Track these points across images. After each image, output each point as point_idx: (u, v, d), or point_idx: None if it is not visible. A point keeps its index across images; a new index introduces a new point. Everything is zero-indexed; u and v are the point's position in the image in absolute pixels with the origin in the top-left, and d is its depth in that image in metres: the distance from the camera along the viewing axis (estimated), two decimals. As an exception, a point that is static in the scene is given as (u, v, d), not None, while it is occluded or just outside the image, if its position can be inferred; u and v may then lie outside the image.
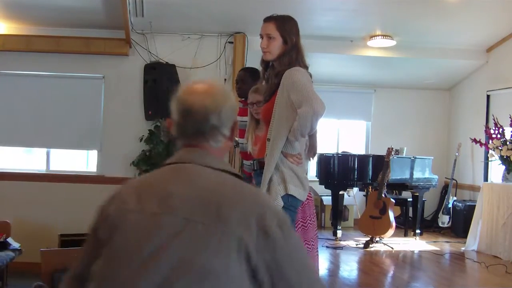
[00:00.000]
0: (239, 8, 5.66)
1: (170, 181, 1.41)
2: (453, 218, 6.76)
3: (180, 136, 1.52)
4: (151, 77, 6.04)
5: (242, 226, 1.29)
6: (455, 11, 5.67)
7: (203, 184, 1.39)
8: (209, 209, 1.32)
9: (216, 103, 1.49)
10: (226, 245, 1.28)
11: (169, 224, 1.32)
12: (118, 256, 1.35)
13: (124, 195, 1.45)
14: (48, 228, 5.71)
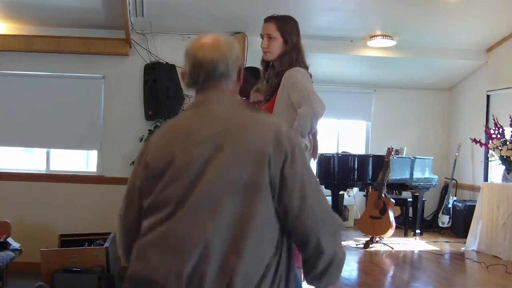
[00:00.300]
0: (239, 8, 5.66)
1: (194, 121, 1.65)
2: (453, 218, 6.76)
3: (193, 85, 1.77)
4: (151, 77, 6.04)
5: (265, 145, 1.53)
6: (455, 11, 5.67)
7: (223, 117, 1.63)
8: (233, 135, 1.56)
9: (222, 54, 1.70)
10: (254, 160, 1.52)
11: (203, 155, 1.55)
12: (165, 188, 1.57)
13: (157, 141, 1.70)
14: (48, 228, 5.71)
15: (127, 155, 6.14)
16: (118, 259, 5.31)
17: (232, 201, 1.50)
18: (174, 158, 1.58)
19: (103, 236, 5.21)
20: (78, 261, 4.66)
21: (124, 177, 6.54)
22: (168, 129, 1.73)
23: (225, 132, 1.58)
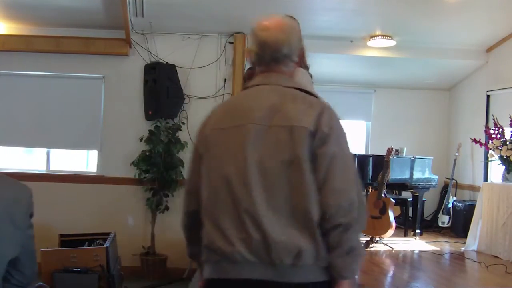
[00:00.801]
0: (239, 8, 5.66)
1: (252, 99, 1.82)
2: (453, 218, 6.76)
3: (258, 64, 1.89)
4: (151, 77, 6.04)
5: (309, 122, 1.70)
6: (455, 11, 5.67)
7: (278, 98, 1.78)
8: (286, 115, 1.73)
9: (286, 36, 1.85)
10: (303, 136, 1.69)
11: (255, 131, 1.73)
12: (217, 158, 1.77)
13: (215, 117, 1.87)
14: (48, 228, 5.71)
15: (127, 155, 6.15)
16: (118, 259, 5.32)
17: (283, 173, 1.67)
18: (229, 135, 1.77)
19: (103, 236, 5.21)
20: (78, 261, 4.67)
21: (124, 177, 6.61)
22: (227, 106, 1.93)
23: (277, 110, 1.74)
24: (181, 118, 6.20)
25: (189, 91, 6.26)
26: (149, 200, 6.05)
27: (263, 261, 1.66)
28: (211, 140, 1.81)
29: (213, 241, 1.72)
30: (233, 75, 6.23)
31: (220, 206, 1.73)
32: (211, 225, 1.75)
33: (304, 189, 1.67)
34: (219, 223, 1.72)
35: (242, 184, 1.69)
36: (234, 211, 1.69)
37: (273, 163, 1.69)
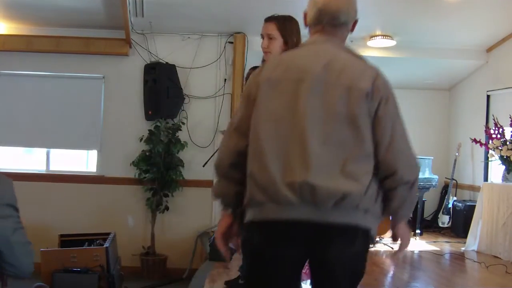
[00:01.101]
0: (239, 8, 5.66)
1: (307, 56, 1.92)
2: (453, 218, 6.75)
3: (314, 25, 2.00)
4: (151, 77, 6.04)
5: (365, 83, 1.82)
6: (455, 11, 5.67)
7: (333, 58, 1.88)
8: (342, 75, 1.83)
9: (346, 6, 1.96)
10: (359, 95, 1.80)
11: (312, 86, 1.82)
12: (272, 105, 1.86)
13: (272, 66, 1.94)
14: (48, 228, 5.71)
15: (127, 155, 6.15)
16: (118, 259, 5.31)
17: (337, 129, 1.79)
18: (286, 86, 1.85)
19: (103, 236, 5.21)
20: (78, 261, 4.66)
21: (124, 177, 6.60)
22: (283, 60, 1.98)
23: (334, 68, 1.85)
24: (181, 118, 6.20)
25: (189, 91, 6.26)
26: (149, 200, 6.05)
27: (306, 203, 1.75)
28: (267, 88, 1.88)
29: (261, 183, 1.79)
30: (233, 75, 6.23)
31: (270, 149, 1.80)
32: (259, 167, 1.81)
33: (356, 143, 1.79)
34: (268, 166, 1.78)
35: (295, 131, 1.79)
36: (284, 155, 1.78)
37: (328, 116, 1.80)
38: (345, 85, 1.81)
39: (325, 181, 1.74)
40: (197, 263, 5.69)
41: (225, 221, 1.98)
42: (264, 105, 1.87)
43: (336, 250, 1.79)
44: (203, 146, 6.18)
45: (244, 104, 1.94)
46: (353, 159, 1.78)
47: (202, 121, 6.28)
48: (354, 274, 1.87)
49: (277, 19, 2.84)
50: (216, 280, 4.15)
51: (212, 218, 6.27)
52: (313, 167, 1.75)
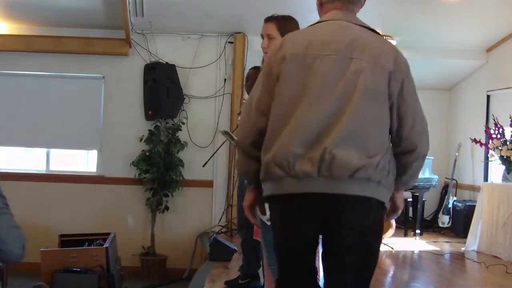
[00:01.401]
0: (239, 8, 5.66)
1: (329, 31, 1.95)
2: (453, 218, 6.75)
3: (333, 2, 2.03)
4: (151, 77, 6.04)
5: (388, 62, 1.90)
6: (455, 11, 5.67)
7: (355, 34, 1.93)
8: (365, 50, 1.89)
9: None
10: (383, 73, 1.88)
11: (337, 61, 1.87)
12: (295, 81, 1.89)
13: (295, 42, 1.96)
14: (48, 228, 5.71)
15: (127, 155, 6.15)
16: (118, 259, 5.31)
17: (360, 104, 1.83)
18: (310, 62, 1.88)
19: (103, 236, 5.21)
20: (78, 261, 4.66)
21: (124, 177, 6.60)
22: (306, 35, 1.99)
23: (357, 44, 1.90)
24: (181, 118, 6.20)
25: (189, 91, 6.26)
26: (149, 200, 6.05)
27: (324, 176, 1.81)
28: (291, 64, 1.90)
29: (280, 158, 1.84)
30: (233, 75, 6.23)
31: (292, 125, 1.84)
32: (280, 143, 1.85)
33: (383, 119, 1.89)
34: (290, 141, 1.83)
35: (318, 107, 1.84)
36: (306, 131, 1.83)
37: (352, 92, 1.84)
38: (369, 61, 1.87)
39: (343, 154, 1.80)
40: (197, 263, 5.68)
41: (250, 195, 2.06)
42: (288, 81, 1.89)
43: (349, 221, 1.83)
44: (203, 146, 6.18)
45: (264, 82, 1.96)
46: (371, 133, 1.86)
47: (202, 121, 6.27)
48: (368, 251, 1.89)
49: (276, 19, 2.84)
50: (216, 280, 4.15)
51: (212, 218, 6.27)
52: (334, 141, 1.81)
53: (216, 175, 6.27)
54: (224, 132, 5.12)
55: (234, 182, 5.94)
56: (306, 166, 1.81)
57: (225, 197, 6.27)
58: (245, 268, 3.95)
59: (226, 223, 6.10)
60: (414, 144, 1.97)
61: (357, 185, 1.83)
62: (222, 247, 4.73)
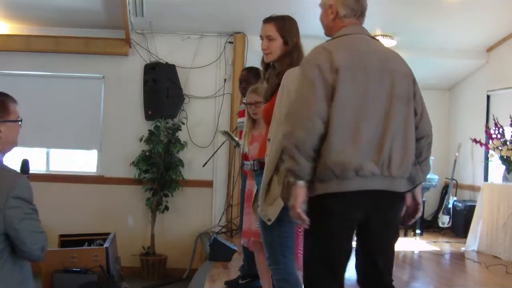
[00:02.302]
0: (239, 8, 5.66)
1: (362, 45, 2.23)
2: (453, 218, 6.75)
3: (349, 16, 2.29)
4: (151, 77, 6.04)
5: (407, 69, 2.28)
6: (455, 11, 5.67)
7: (376, 46, 2.28)
8: (389, 61, 2.22)
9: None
10: (408, 79, 2.26)
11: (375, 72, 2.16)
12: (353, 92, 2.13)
13: (339, 54, 2.16)
14: (48, 228, 5.67)
15: (127, 155, 6.15)
16: (118, 259, 5.31)
17: (400, 109, 2.18)
18: (360, 73, 2.14)
19: (103, 236, 5.21)
20: (78, 261, 4.66)
21: (124, 177, 6.58)
22: (347, 46, 2.22)
23: (382, 56, 2.22)
24: (181, 118, 6.20)
25: (189, 91, 6.26)
26: (149, 200, 6.05)
27: (383, 175, 2.14)
28: (346, 76, 2.13)
29: (347, 160, 2.10)
30: (233, 75, 6.23)
31: (358, 133, 2.11)
32: (350, 148, 2.11)
33: (412, 120, 2.25)
34: (358, 147, 2.11)
35: (374, 115, 2.14)
36: (370, 137, 2.13)
37: (392, 100, 2.17)
38: (396, 71, 2.21)
39: (397, 156, 2.15)
40: (197, 263, 5.68)
41: (303, 192, 2.19)
42: (347, 91, 2.12)
43: (394, 213, 2.27)
44: (203, 146, 6.18)
45: (320, 91, 2.13)
46: (410, 134, 2.22)
47: (202, 121, 6.27)
48: (397, 235, 2.35)
49: (275, 19, 2.84)
50: (216, 280, 4.15)
51: (212, 218, 6.27)
52: (388, 145, 2.14)
53: (216, 175, 6.27)
54: (224, 132, 5.14)
55: (234, 182, 5.94)
56: (372, 168, 2.11)
57: (225, 197, 6.27)
58: (245, 268, 3.95)
59: (226, 223, 6.10)
60: (425, 131, 2.32)
61: (402, 183, 2.23)
62: (222, 247, 4.73)
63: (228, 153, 6.22)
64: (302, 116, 2.14)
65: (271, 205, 2.59)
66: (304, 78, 2.18)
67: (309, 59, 2.24)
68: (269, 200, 2.60)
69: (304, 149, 2.13)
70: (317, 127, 2.12)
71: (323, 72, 2.13)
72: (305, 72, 2.19)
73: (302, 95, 2.16)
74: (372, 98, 2.14)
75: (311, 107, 2.12)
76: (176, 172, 5.99)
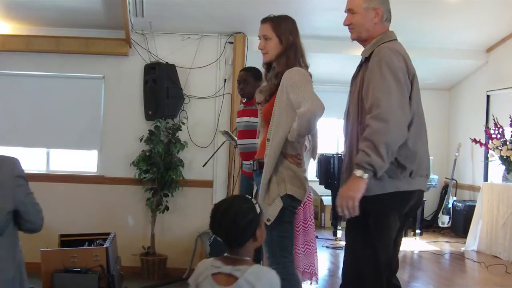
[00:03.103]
0: (239, 8, 5.66)
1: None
2: (453, 218, 6.76)
3: (388, 21, 2.57)
4: (151, 77, 6.04)
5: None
6: (455, 11, 5.67)
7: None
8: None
9: None
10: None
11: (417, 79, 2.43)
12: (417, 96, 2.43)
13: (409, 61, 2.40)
14: (48, 228, 5.67)
15: (127, 155, 6.15)
16: (118, 259, 5.31)
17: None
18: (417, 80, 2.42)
19: (103, 236, 5.20)
20: (78, 261, 4.66)
21: (124, 177, 6.57)
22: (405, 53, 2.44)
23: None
24: (181, 118, 6.20)
25: (189, 91, 6.26)
26: (149, 200, 6.05)
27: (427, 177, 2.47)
28: (415, 83, 2.38)
29: (423, 161, 2.37)
30: (233, 75, 6.23)
31: (425, 137, 2.45)
32: (423, 150, 2.39)
33: None
34: (426, 151, 2.43)
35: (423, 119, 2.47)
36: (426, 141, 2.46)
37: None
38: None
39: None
40: (197, 263, 5.67)
41: (363, 187, 2.26)
42: (416, 98, 2.38)
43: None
44: (203, 146, 6.18)
45: (404, 89, 2.29)
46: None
47: (202, 121, 6.27)
48: None
49: (271, 19, 2.85)
50: (216, 280, 4.14)
51: (212, 218, 6.26)
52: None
53: (216, 175, 6.27)
54: (224, 132, 5.14)
55: (234, 182, 5.94)
56: (429, 169, 2.45)
57: (225, 197, 6.26)
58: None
59: (226, 223, 6.09)
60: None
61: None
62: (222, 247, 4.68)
63: (228, 153, 6.22)
64: (399, 118, 2.26)
65: (270, 205, 2.59)
66: (396, 81, 2.29)
67: (394, 60, 2.33)
68: (268, 200, 2.60)
69: (393, 150, 2.25)
70: (405, 131, 2.29)
71: (405, 74, 2.33)
72: (396, 75, 2.29)
73: (394, 96, 2.26)
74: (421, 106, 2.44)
75: (406, 113, 2.29)
76: (176, 172, 5.99)
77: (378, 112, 2.23)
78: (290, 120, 2.63)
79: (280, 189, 2.62)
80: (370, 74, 2.34)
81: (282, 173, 2.65)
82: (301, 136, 2.64)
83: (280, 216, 2.57)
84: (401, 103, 2.26)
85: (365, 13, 2.42)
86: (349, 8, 2.49)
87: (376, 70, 2.31)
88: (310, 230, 3.27)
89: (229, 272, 1.76)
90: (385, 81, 2.26)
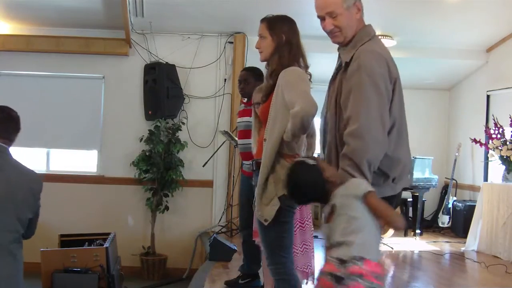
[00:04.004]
0: (239, 8, 5.66)
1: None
2: (453, 218, 6.75)
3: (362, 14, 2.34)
4: (151, 77, 6.04)
5: None
6: (455, 11, 5.67)
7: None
8: None
9: None
10: None
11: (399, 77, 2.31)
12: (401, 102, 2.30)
13: (390, 62, 2.28)
14: (48, 228, 5.70)
15: (127, 155, 6.15)
16: (118, 259, 5.31)
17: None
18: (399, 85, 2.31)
19: (103, 236, 5.21)
20: (78, 261, 4.66)
21: (124, 177, 6.58)
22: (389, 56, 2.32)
23: None
24: (181, 118, 6.20)
25: (189, 91, 6.26)
26: (149, 200, 6.05)
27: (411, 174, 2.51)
28: (398, 88, 2.29)
29: (406, 165, 2.29)
30: (233, 75, 6.23)
31: (407, 141, 2.33)
32: (407, 156, 2.31)
33: None
34: (409, 154, 2.33)
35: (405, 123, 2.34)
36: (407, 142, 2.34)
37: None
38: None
39: None
40: (197, 263, 5.69)
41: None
42: (399, 102, 2.26)
43: None
44: (203, 146, 6.18)
45: (384, 99, 2.19)
46: None
47: (202, 121, 6.28)
48: None
49: (268, 19, 2.85)
50: (216, 280, 4.15)
51: (212, 218, 6.27)
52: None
53: (216, 175, 6.27)
54: (224, 132, 5.14)
55: (234, 182, 5.94)
56: (411, 169, 2.38)
57: (225, 197, 6.27)
58: (245, 268, 3.95)
59: (226, 223, 6.10)
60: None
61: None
62: (222, 247, 4.73)
63: (228, 153, 6.22)
64: (377, 133, 2.15)
65: (267, 205, 2.58)
66: (376, 91, 2.18)
67: (375, 67, 2.20)
68: (265, 200, 2.60)
69: (375, 164, 2.18)
70: (385, 142, 2.18)
71: (386, 81, 2.22)
72: (377, 84, 2.19)
73: (373, 109, 2.15)
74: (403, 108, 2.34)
75: (385, 124, 2.18)
76: (176, 172, 5.99)
77: (355, 128, 2.14)
78: (286, 121, 2.62)
79: (277, 189, 2.61)
80: (350, 82, 2.22)
81: (279, 173, 2.64)
82: (295, 136, 2.61)
83: (278, 216, 2.56)
84: (380, 115, 2.15)
85: (348, 12, 2.27)
86: (329, 12, 2.32)
87: (356, 79, 2.20)
88: (307, 230, 3.26)
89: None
90: (364, 92, 2.15)
